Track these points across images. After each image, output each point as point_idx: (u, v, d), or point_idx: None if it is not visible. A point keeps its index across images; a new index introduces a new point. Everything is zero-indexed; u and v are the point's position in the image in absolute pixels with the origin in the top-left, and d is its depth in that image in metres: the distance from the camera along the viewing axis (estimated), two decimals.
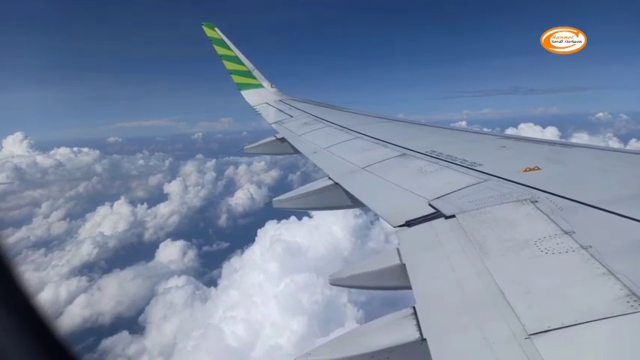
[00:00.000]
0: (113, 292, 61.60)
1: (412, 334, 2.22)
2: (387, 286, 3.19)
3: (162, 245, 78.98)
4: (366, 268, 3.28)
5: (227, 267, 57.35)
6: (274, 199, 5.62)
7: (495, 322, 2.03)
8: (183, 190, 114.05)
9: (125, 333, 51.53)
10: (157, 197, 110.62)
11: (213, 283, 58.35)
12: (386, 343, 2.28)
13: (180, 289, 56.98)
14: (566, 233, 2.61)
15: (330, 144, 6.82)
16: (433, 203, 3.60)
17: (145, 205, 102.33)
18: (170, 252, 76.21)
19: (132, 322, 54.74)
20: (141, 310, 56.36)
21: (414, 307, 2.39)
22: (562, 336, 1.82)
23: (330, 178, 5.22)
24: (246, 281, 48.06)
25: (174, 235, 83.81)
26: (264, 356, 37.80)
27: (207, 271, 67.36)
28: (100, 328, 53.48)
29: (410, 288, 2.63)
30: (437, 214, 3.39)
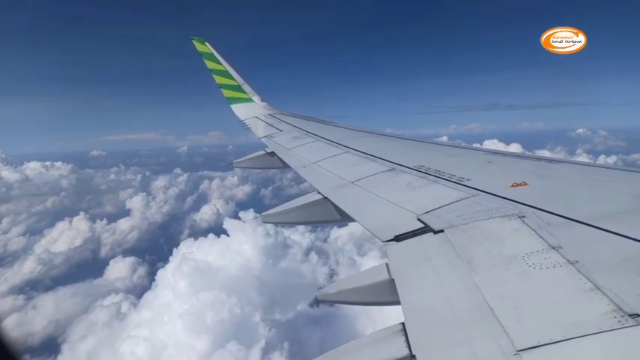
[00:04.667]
0: (48, 312, 59.56)
1: (401, 351, 2.20)
2: (376, 302, 3.17)
3: (112, 262, 77.50)
4: (355, 283, 3.26)
5: (154, 285, 55.78)
6: (262, 214, 5.57)
7: (484, 338, 2.02)
8: (145, 206, 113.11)
9: (27, 357, 49.50)
10: (121, 212, 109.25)
11: None
12: None
13: (105, 308, 55.59)
14: (554, 248, 2.63)
15: (319, 158, 6.83)
16: (422, 218, 3.61)
17: (105, 221, 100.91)
18: (119, 269, 74.48)
19: (51, 344, 52.59)
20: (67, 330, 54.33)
21: (402, 323, 2.37)
22: (551, 352, 1.82)
23: (319, 193, 5.21)
24: (157, 300, 47.73)
25: (132, 252, 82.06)
26: None
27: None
28: (27, 350, 51.23)
29: (399, 303, 2.62)
30: (426, 229, 3.39)
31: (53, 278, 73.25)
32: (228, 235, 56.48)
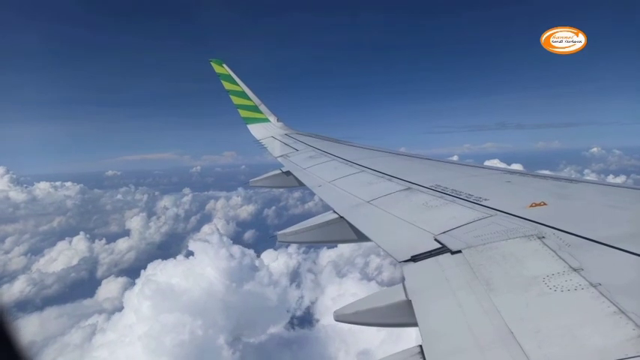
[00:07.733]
0: (30, 333, 59.55)
1: None
2: (392, 323, 3.12)
3: (104, 282, 77.90)
4: (372, 304, 3.22)
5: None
6: (278, 233, 5.58)
7: None
8: (144, 226, 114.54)
9: None
10: (122, 232, 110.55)
11: None
12: None
13: (80, 329, 55.45)
14: (575, 270, 2.57)
15: (335, 177, 6.84)
16: (439, 238, 3.57)
17: (104, 241, 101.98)
18: (110, 289, 74.75)
19: None
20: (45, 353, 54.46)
21: (420, 346, 2.33)
22: None
23: (335, 212, 5.20)
24: (122, 321, 47.47)
25: (127, 272, 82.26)
26: None
27: None
28: None
29: (416, 325, 2.58)
30: (443, 249, 3.36)
31: (44, 299, 73.62)
32: (194, 256, 56.96)
